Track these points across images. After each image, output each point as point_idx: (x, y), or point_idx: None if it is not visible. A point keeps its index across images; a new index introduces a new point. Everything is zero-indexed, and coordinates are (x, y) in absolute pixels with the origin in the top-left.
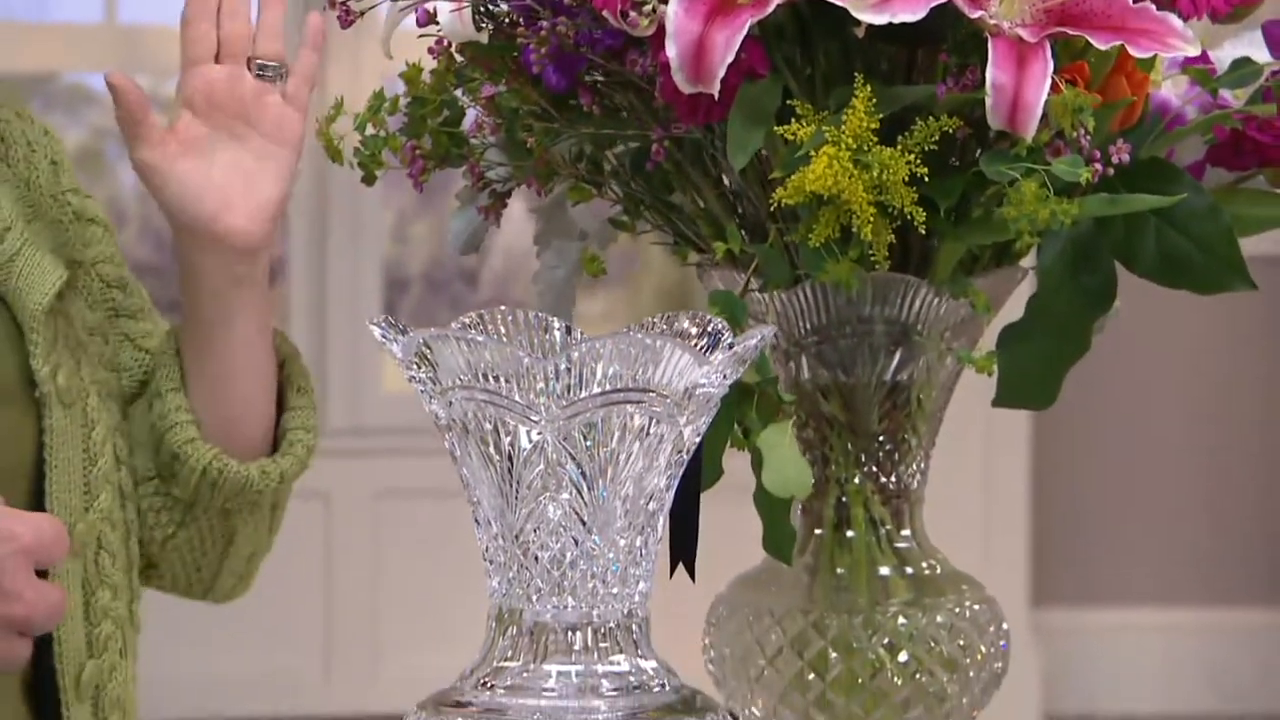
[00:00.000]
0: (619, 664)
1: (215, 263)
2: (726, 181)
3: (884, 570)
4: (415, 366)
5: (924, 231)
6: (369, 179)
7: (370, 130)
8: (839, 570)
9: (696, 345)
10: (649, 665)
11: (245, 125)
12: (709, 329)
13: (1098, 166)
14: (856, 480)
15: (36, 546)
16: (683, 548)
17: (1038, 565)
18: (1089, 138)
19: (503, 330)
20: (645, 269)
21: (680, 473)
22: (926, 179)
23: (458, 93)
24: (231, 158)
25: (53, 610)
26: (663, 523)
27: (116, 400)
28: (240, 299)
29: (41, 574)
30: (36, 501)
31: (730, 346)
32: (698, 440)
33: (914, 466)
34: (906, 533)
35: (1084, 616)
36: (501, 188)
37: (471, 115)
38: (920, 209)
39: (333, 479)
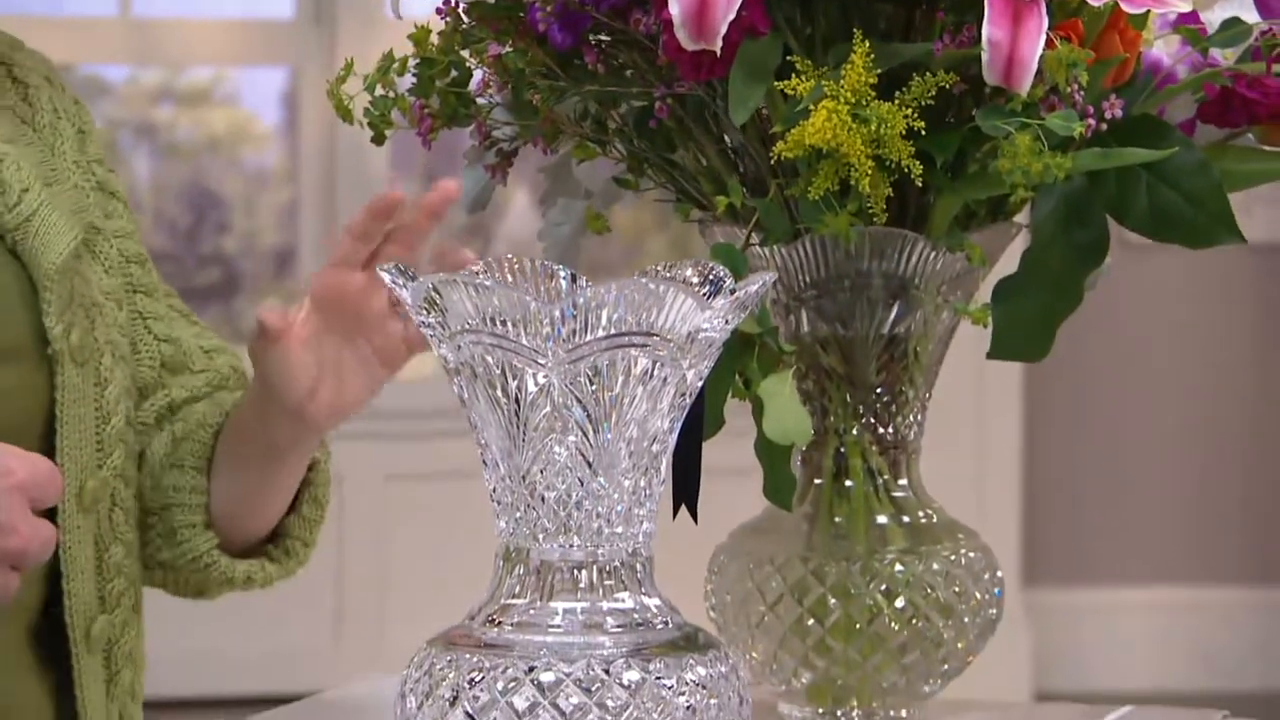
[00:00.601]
0: (623, 601)
1: (280, 427)
2: (728, 139)
3: (881, 519)
4: (424, 311)
5: (920, 184)
6: (379, 138)
7: (380, 91)
8: (837, 519)
9: (699, 291)
10: (652, 603)
11: (359, 332)
12: (711, 276)
13: (1091, 121)
14: (855, 431)
15: (31, 483)
16: (685, 490)
17: (1029, 545)
18: (1082, 93)
19: (509, 277)
20: (646, 258)
21: (683, 416)
22: (924, 133)
23: (464, 53)
24: (335, 353)
25: (45, 545)
26: (666, 465)
27: (130, 366)
28: (294, 453)
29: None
30: (48, 458)
31: (732, 292)
32: (700, 384)
33: (911, 418)
34: (903, 482)
35: (1075, 595)
36: (508, 146)
37: (478, 76)
38: (917, 162)
39: (345, 461)
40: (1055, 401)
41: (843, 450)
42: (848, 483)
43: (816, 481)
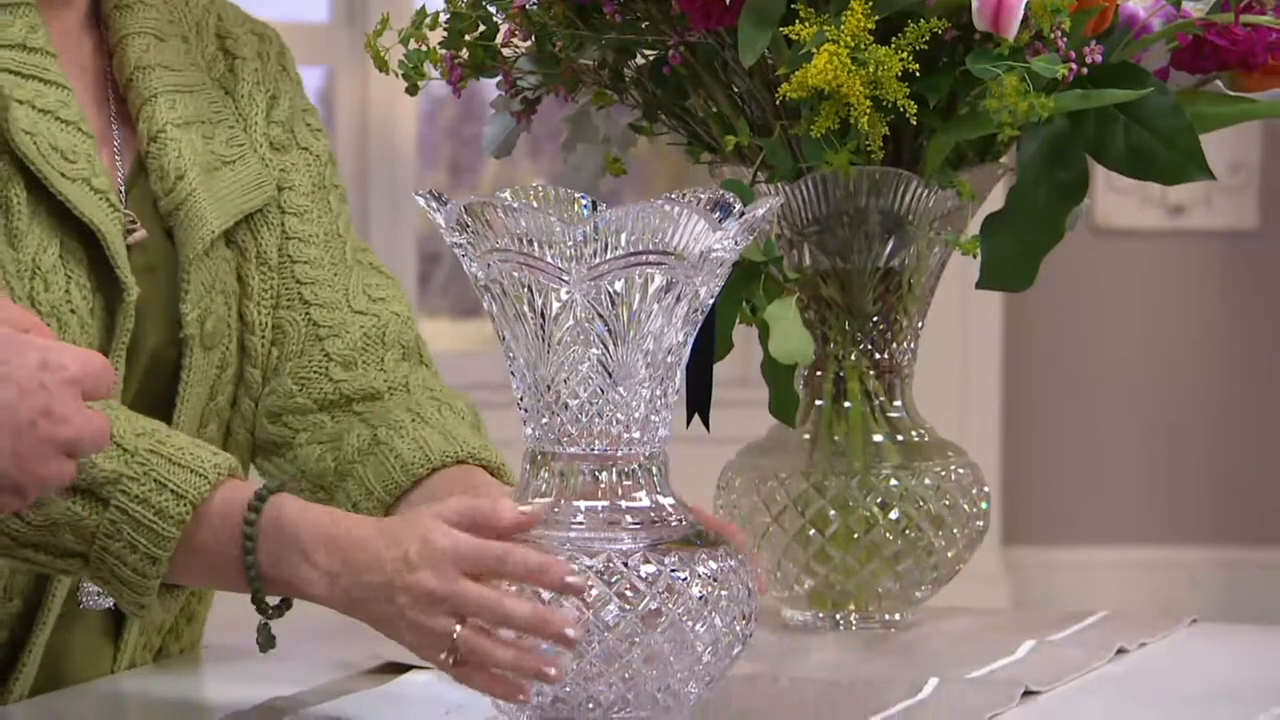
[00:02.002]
0: (640, 500)
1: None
2: (735, 85)
3: (877, 437)
4: (457, 232)
5: (915, 125)
6: (412, 89)
7: (413, 45)
8: (837, 438)
9: (711, 214)
10: (668, 501)
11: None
12: (721, 202)
13: (1073, 65)
14: (853, 357)
15: (83, 376)
16: (698, 400)
17: (1008, 509)
18: (1065, 40)
19: (535, 203)
20: None
21: (696, 331)
22: (918, 75)
23: (491, 8)
24: None
25: (98, 436)
26: (680, 375)
27: (267, 315)
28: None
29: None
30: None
31: (741, 215)
32: (711, 301)
33: (905, 345)
34: (898, 404)
35: (1050, 554)
36: (532, 94)
37: (504, 29)
38: (912, 102)
39: None
40: (1032, 380)
41: (842, 374)
42: (846, 404)
43: (817, 403)
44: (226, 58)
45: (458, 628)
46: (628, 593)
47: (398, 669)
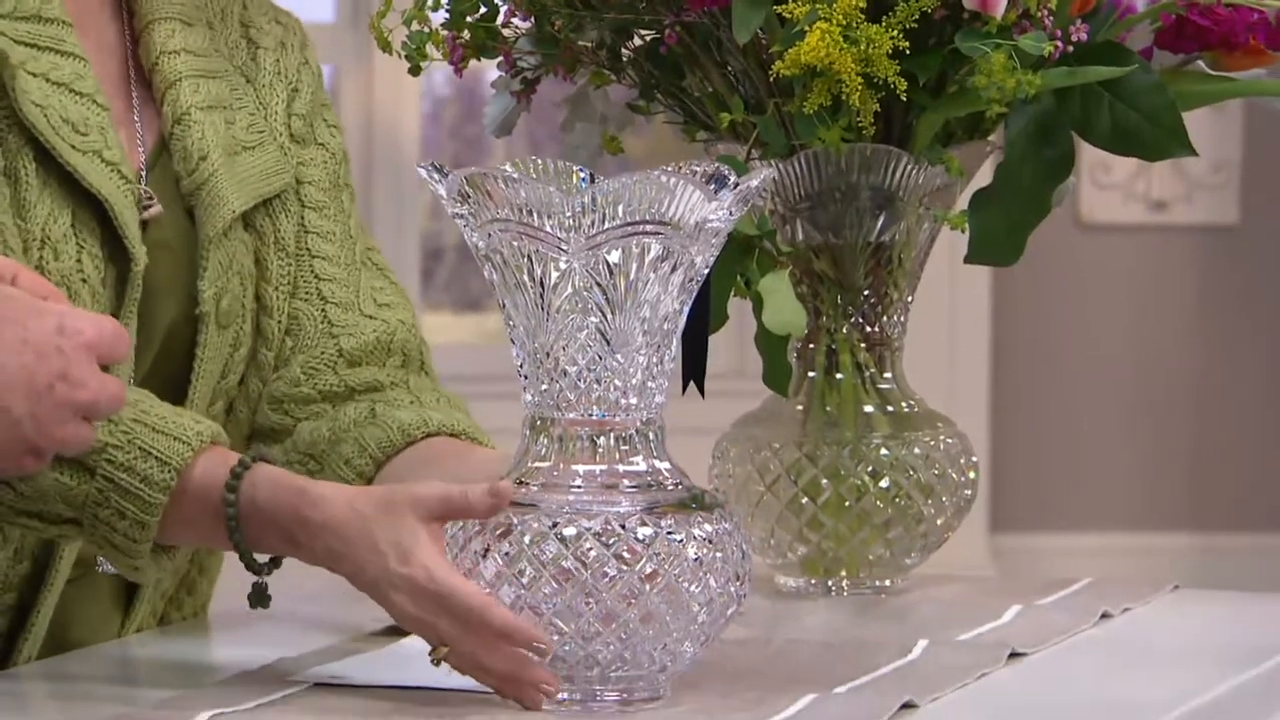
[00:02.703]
0: (637, 464)
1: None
2: (730, 65)
3: (868, 408)
4: (458, 203)
5: (905, 103)
6: (414, 70)
7: (416, 26)
8: (829, 408)
9: (706, 185)
10: (664, 466)
11: None
12: (716, 174)
13: (1059, 44)
14: (844, 330)
15: (99, 341)
16: (693, 368)
17: (996, 496)
18: (1052, 18)
19: (534, 175)
20: None
21: (691, 299)
22: (908, 53)
23: None
24: None
25: (114, 399)
26: (676, 344)
27: (283, 303)
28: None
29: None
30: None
31: (735, 186)
32: (706, 271)
33: (895, 318)
34: (888, 375)
35: (1036, 540)
36: (532, 75)
37: (504, 10)
38: (902, 80)
39: None
40: (1019, 371)
41: (833, 347)
42: (838, 376)
43: (810, 375)
44: (249, 46)
45: (445, 649)
46: (625, 554)
47: (401, 631)
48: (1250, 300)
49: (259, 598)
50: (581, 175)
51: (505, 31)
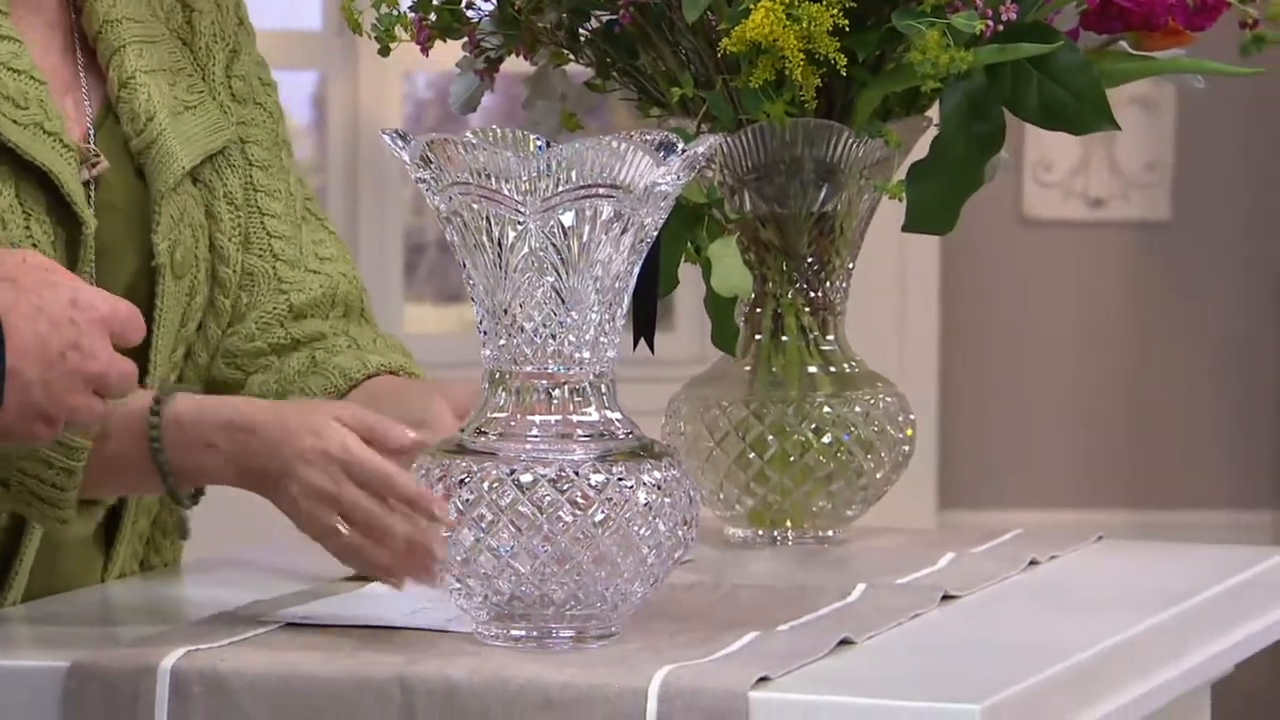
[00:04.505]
0: (590, 415)
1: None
2: (681, 44)
3: (812, 369)
4: (420, 167)
5: (846, 79)
6: (384, 50)
7: (385, 9)
8: (775, 369)
9: (656, 152)
10: (615, 416)
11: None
12: (665, 142)
13: (989, 23)
14: (789, 295)
15: (112, 318)
16: (643, 326)
17: (944, 476)
18: None
19: (492, 142)
20: None
21: (641, 260)
22: (848, 30)
23: None
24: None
25: (124, 377)
26: (627, 301)
27: (237, 260)
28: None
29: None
30: (142, 353)
31: (683, 152)
32: (655, 232)
33: (837, 284)
34: (831, 338)
35: (983, 517)
36: (494, 54)
37: None
38: (842, 55)
39: None
40: (966, 359)
41: (779, 311)
42: (783, 338)
43: (757, 338)
44: (184, 10)
45: (344, 529)
46: (578, 500)
47: (367, 579)
48: (1182, 291)
49: (181, 530)
50: (538, 142)
51: (469, 14)
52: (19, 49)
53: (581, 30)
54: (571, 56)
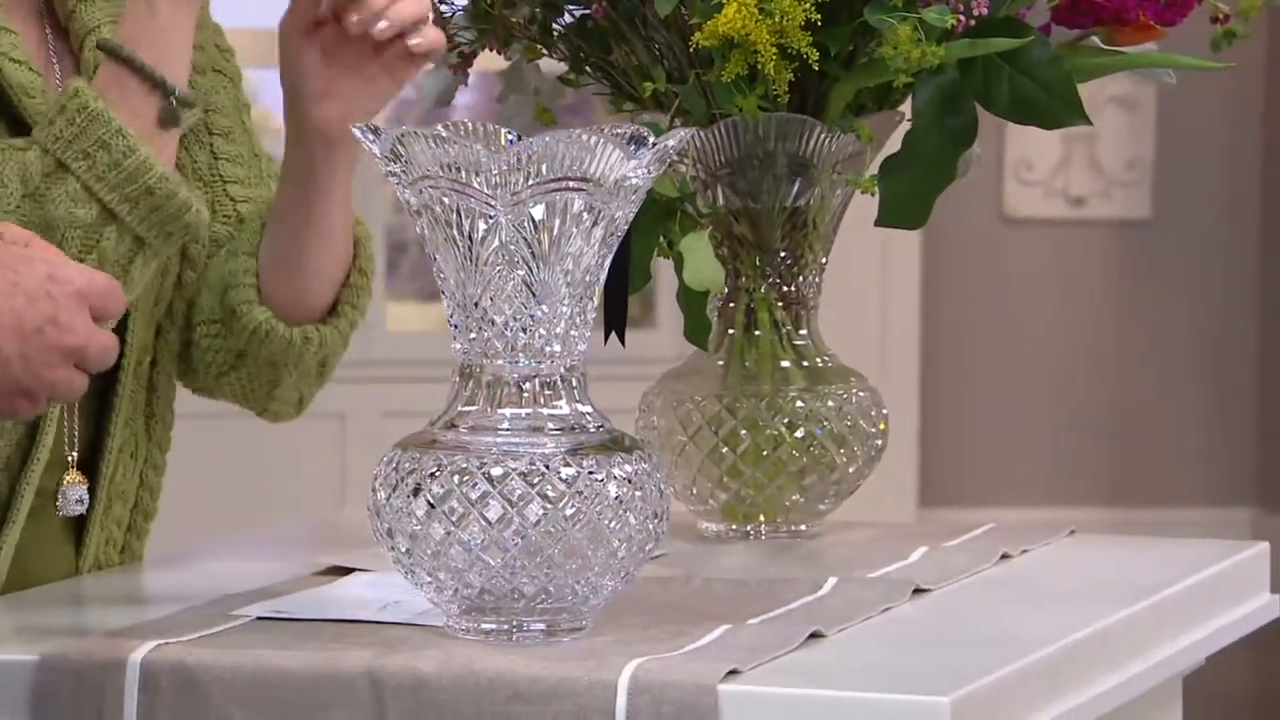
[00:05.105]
0: (561, 409)
1: (301, 149)
2: (655, 39)
3: (785, 363)
4: (390, 161)
5: (818, 74)
6: None
7: None
8: (747, 363)
9: (626, 146)
10: (586, 410)
11: (366, 52)
12: (635, 135)
13: (961, 18)
14: (762, 290)
15: (89, 291)
16: (614, 319)
17: (924, 475)
18: None
19: (463, 135)
20: None
21: (612, 253)
22: (820, 25)
23: None
24: (351, 64)
25: (104, 350)
26: (597, 294)
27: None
28: (323, 176)
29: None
30: (118, 333)
31: (653, 145)
32: (626, 226)
33: (810, 279)
34: (804, 333)
35: (962, 514)
36: (468, 49)
37: None
38: (814, 50)
39: (347, 402)
40: (947, 357)
41: (752, 306)
42: (756, 333)
43: (730, 332)
44: None
45: None
46: (549, 493)
47: (340, 571)
48: (1162, 289)
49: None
50: (509, 136)
51: (443, 8)
52: (15, 40)
53: (555, 25)
54: (545, 51)
